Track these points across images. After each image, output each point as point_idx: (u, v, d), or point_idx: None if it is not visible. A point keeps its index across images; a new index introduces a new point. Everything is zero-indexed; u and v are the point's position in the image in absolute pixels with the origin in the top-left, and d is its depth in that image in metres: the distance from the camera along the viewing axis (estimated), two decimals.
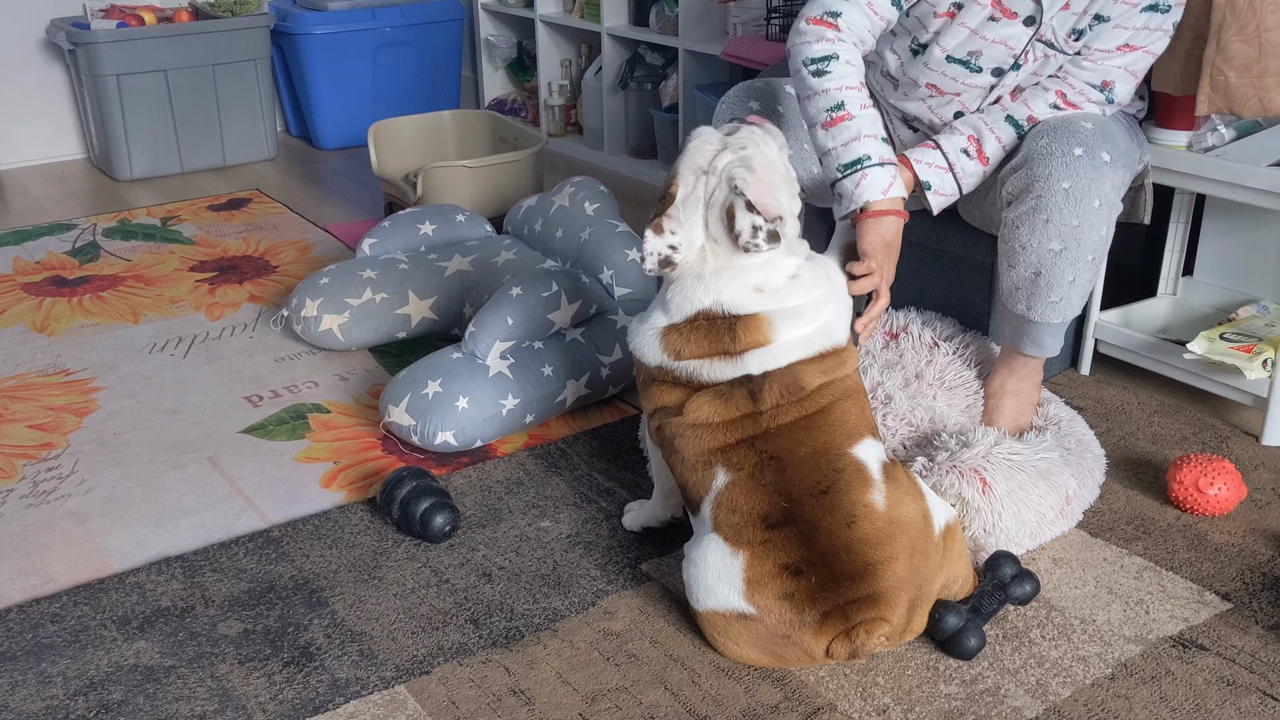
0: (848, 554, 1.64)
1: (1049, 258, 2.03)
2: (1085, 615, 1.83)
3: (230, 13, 4.35)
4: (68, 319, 3.02)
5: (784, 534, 1.66)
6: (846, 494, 1.67)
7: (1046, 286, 2.06)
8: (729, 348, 1.74)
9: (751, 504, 1.69)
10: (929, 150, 2.10)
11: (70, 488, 2.24)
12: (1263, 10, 2.11)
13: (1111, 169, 1.99)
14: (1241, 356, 2.27)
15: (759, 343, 1.73)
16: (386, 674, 1.72)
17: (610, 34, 4.19)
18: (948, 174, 2.10)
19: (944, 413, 2.18)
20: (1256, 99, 2.17)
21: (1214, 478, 2.04)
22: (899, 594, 1.65)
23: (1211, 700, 1.65)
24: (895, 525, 1.67)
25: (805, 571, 1.65)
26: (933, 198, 2.11)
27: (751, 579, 1.67)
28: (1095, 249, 2.03)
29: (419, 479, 2.06)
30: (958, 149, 2.10)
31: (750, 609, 1.67)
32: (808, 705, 1.65)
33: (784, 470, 1.70)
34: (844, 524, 1.65)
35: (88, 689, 1.70)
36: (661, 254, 1.75)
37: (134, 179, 4.30)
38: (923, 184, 2.09)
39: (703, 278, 1.76)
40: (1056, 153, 1.98)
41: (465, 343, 2.35)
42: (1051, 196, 1.99)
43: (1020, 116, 2.09)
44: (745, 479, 1.71)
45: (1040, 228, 2.01)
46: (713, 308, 1.75)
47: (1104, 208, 2.00)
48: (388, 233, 2.94)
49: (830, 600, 1.64)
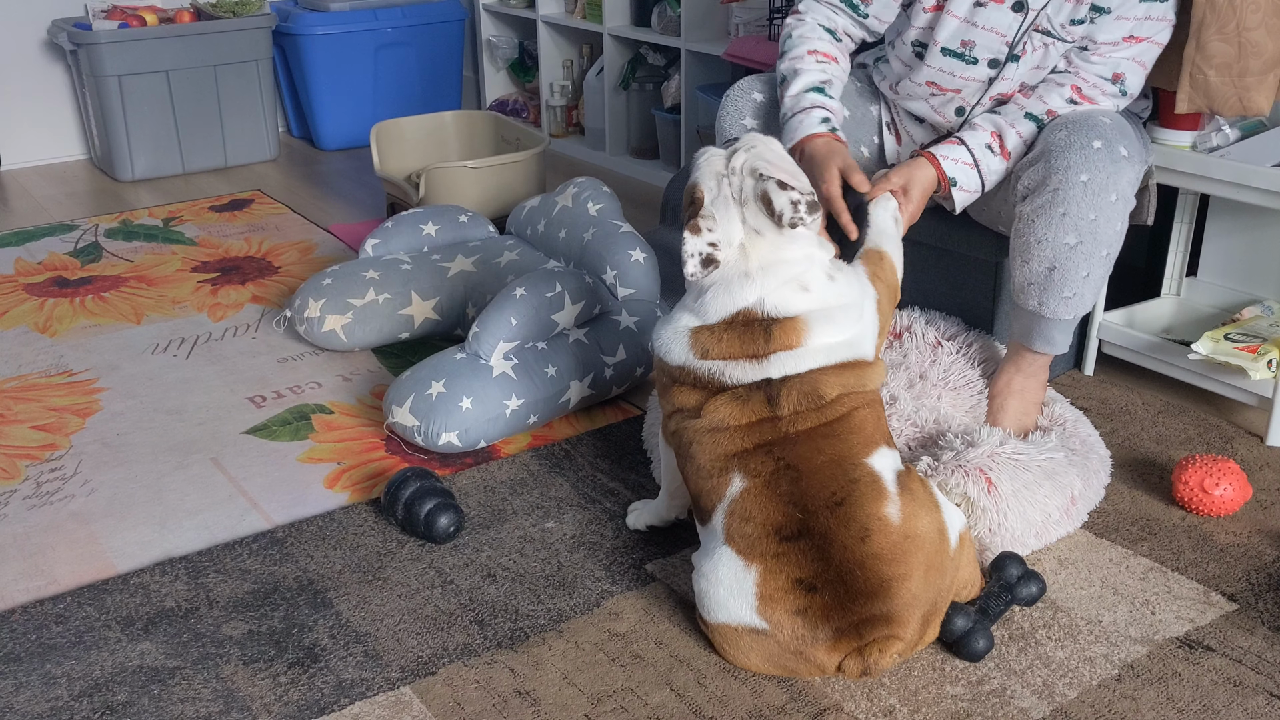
0: (862, 570, 1.62)
1: (1064, 252, 2.03)
2: (1091, 616, 1.82)
3: (232, 13, 4.35)
4: (70, 320, 3.02)
5: (798, 547, 1.65)
6: (861, 507, 1.65)
7: (1061, 281, 2.06)
8: (759, 350, 1.72)
9: (766, 514, 1.67)
10: (954, 146, 2.10)
11: (74, 488, 2.24)
12: (1243, 9, 2.11)
13: (1129, 164, 2.00)
14: (1246, 357, 2.27)
15: (789, 345, 1.71)
16: (391, 675, 1.72)
17: (612, 34, 4.19)
18: (973, 170, 2.09)
19: (948, 413, 2.18)
20: (1236, 98, 2.18)
21: (1219, 478, 2.04)
22: (913, 611, 1.64)
23: (1218, 701, 1.64)
24: (910, 540, 1.65)
25: (819, 587, 1.63)
26: (958, 194, 2.09)
27: (765, 594, 1.65)
28: (1110, 244, 2.03)
29: (423, 480, 2.06)
30: (982, 145, 2.09)
31: (763, 624, 1.66)
32: (814, 706, 1.64)
33: (800, 480, 1.67)
34: (858, 538, 1.63)
35: (92, 690, 1.70)
36: (703, 253, 1.73)
37: (135, 180, 4.30)
38: (949, 180, 2.08)
39: (749, 275, 1.73)
40: (1075, 145, 1.98)
41: (469, 343, 2.35)
42: (1069, 189, 1.99)
43: (1039, 112, 2.09)
44: (761, 486, 1.69)
45: (1057, 221, 2.01)
46: (754, 307, 1.72)
47: (1120, 202, 2.00)
48: (390, 233, 2.94)
49: (844, 617, 1.62)
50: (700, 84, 3.89)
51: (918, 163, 2.08)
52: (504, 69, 4.99)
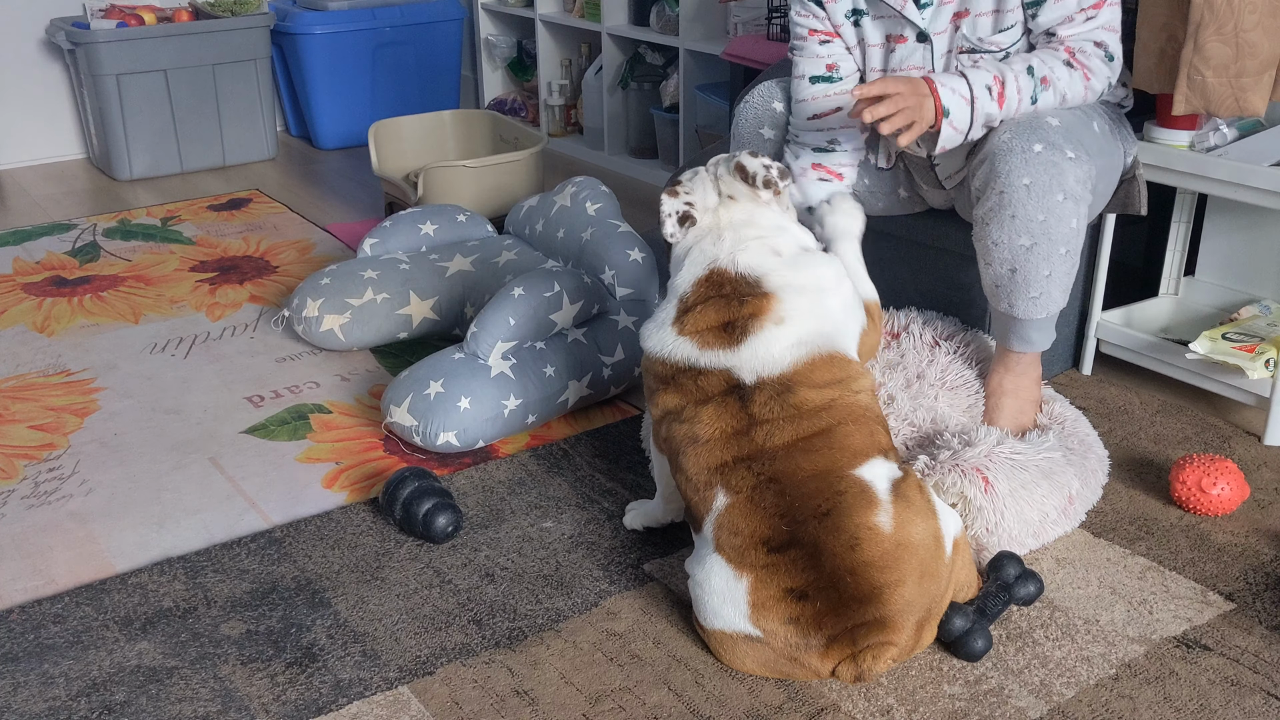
0: (853, 577, 1.62)
1: (1021, 253, 2.03)
2: (1089, 615, 1.82)
3: (230, 12, 4.35)
4: (68, 319, 3.02)
5: (787, 557, 1.65)
6: (849, 516, 1.65)
7: (1024, 282, 2.06)
8: (733, 315, 1.76)
9: (752, 527, 1.67)
10: (955, 78, 2.01)
11: (71, 488, 2.24)
12: (1240, 11, 2.11)
13: (1075, 164, 1.97)
14: (1244, 356, 2.27)
15: (761, 311, 1.75)
16: (390, 675, 1.72)
17: (610, 33, 4.19)
18: (967, 106, 2.00)
19: (946, 413, 2.18)
20: (1233, 99, 2.18)
21: (1217, 478, 2.04)
22: (906, 617, 1.64)
23: (1215, 700, 1.65)
24: (902, 547, 1.64)
25: (810, 595, 1.63)
26: (946, 129, 2.00)
27: (756, 602, 1.65)
28: (1067, 241, 2.02)
29: (421, 479, 2.06)
30: (983, 84, 2.00)
31: (756, 632, 1.66)
32: (811, 706, 1.64)
33: (784, 493, 1.68)
34: (847, 547, 1.63)
35: (90, 690, 1.70)
36: (680, 210, 1.86)
37: (134, 179, 4.30)
38: (943, 110, 1.98)
39: (720, 233, 1.84)
40: (1016, 149, 1.97)
41: (467, 343, 2.35)
42: (1014, 193, 1.98)
43: (1038, 73, 2.01)
44: (744, 502, 1.69)
45: (1008, 223, 2.01)
46: (726, 265, 1.80)
47: (1069, 201, 1.98)
48: (389, 233, 2.94)
49: (836, 624, 1.62)
50: (699, 83, 3.89)
51: (917, 84, 1.98)
52: (502, 68, 4.99)
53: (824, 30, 2.18)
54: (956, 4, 2.09)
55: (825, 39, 2.18)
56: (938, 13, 2.09)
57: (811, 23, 2.19)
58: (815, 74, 2.19)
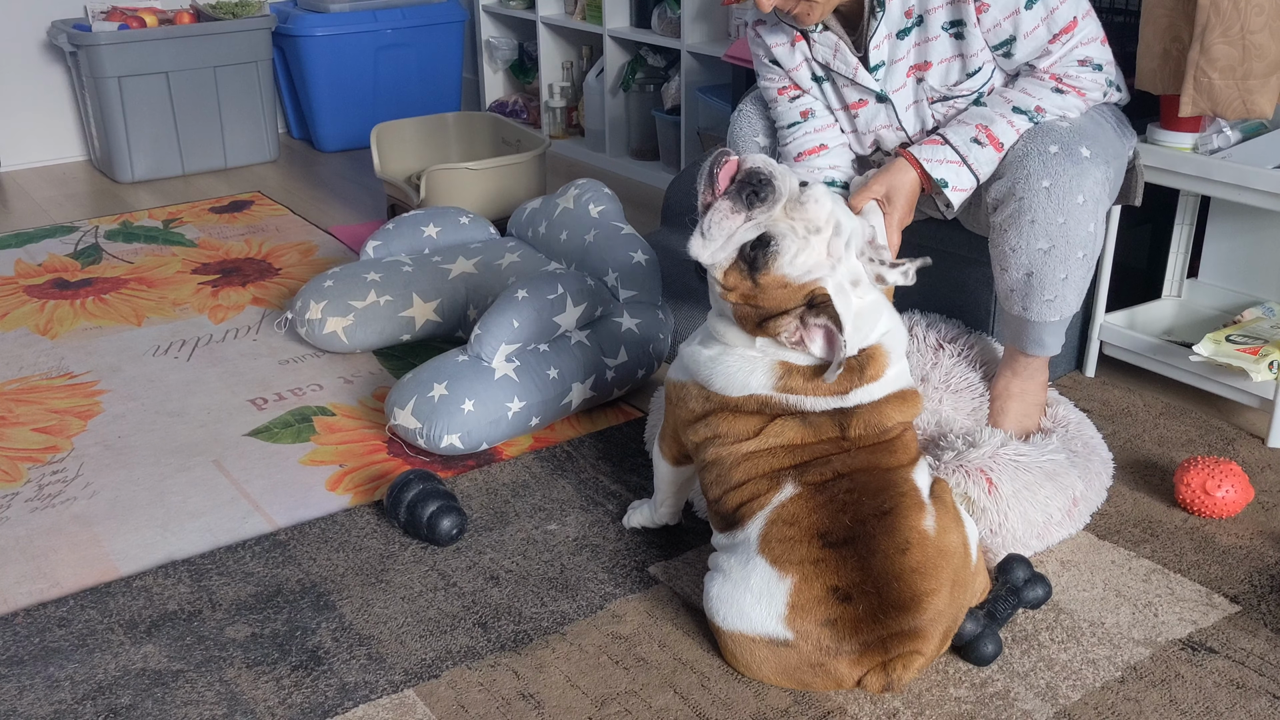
0: (899, 582, 1.60)
1: (1039, 257, 2.03)
2: (1094, 618, 1.82)
3: (231, 15, 4.35)
4: (70, 321, 3.02)
5: (840, 554, 1.62)
6: (905, 518, 1.63)
7: (1040, 286, 2.06)
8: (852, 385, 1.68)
9: (814, 518, 1.64)
10: (936, 147, 2.04)
11: (75, 491, 2.24)
12: (1247, 12, 2.11)
13: (1092, 164, 1.97)
14: (1247, 359, 2.27)
15: (876, 377, 1.69)
16: (395, 678, 1.72)
17: (612, 36, 4.19)
18: (962, 167, 2.03)
19: (950, 416, 2.18)
20: (1240, 101, 2.18)
21: (1221, 480, 2.04)
22: (937, 626, 1.63)
23: (1221, 703, 1.65)
24: (942, 555, 1.64)
25: (854, 597, 1.60)
26: (951, 194, 2.03)
27: (796, 603, 1.62)
28: (1085, 245, 2.02)
29: (425, 482, 2.06)
30: (967, 139, 2.03)
31: (788, 634, 1.63)
32: (817, 709, 1.64)
33: (854, 489, 1.66)
34: (899, 549, 1.61)
35: (95, 693, 1.70)
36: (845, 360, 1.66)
37: (135, 181, 4.30)
38: (938, 183, 2.02)
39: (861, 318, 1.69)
40: (1033, 153, 1.98)
41: (470, 345, 2.35)
42: (1034, 197, 1.98)
43: (1027, 106, 2.03)
44: (812, 492, 1.66)
45: (1026, 229, 2.01)
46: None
47: (1089, 203, 1.98)
48: (391, 235, 2.94)
49: (873, 631, 1.60)
50: (700, 85, 3.90)
51: (897, 166, 2.04)
52: (503, 70, 4.99)
53: (792, 86, 2.21)
54: (912, 58, 2.08)
55: (795, 94, 2.21)
56: (890, 72, 2.09)
57: (778, 83, 2.22)
58: (792, 121, 2.23)
